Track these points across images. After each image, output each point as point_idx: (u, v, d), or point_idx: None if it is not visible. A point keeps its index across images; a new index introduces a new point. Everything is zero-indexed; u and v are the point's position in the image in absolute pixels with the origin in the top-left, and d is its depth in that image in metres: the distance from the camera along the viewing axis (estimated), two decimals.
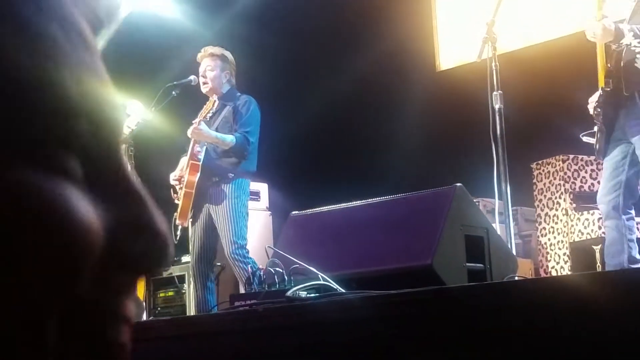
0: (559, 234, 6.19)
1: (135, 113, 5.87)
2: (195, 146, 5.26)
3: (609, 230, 4.39)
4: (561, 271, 6.06)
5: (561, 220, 6.18)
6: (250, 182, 5.49)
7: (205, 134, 5.15)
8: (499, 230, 3.90)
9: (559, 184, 6.22)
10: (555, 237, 6.21)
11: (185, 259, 6.72)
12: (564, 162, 6.21)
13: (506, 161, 4.31)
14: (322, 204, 3.90)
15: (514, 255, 3.92)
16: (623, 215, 4.34)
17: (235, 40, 6.09)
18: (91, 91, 0.44)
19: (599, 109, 4.34)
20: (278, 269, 3.38)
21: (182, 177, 5.27)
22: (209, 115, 5.23)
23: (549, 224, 6.26)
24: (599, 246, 5.44)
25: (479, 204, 5.16)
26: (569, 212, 6.16)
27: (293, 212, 3.86)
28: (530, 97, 6.19)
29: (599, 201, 4.46)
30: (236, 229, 5.16)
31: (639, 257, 4.33)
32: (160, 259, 0.49)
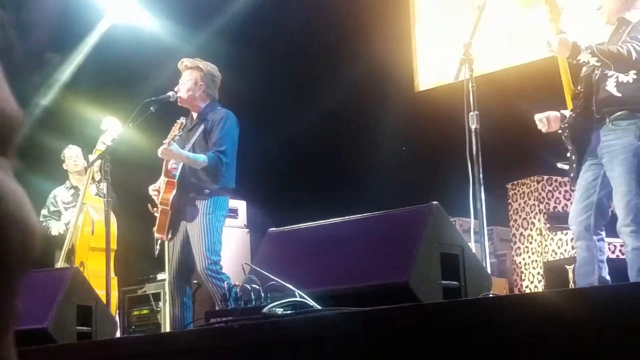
0: (533, 253, 6.24)
1: (112, 129, 5.86)
2: (170, 163, 5.22)
3: (580, 251, 4.43)
4: (535, 290, 6.10)
5: (535, 240, 6.23)
6: (229, 199, 5.46)
7: (176, 154, 5.11)
8: (475, 249, 3.94)
9: (534, 205, 6.29)
10: (529, 257, 6.26)
11: (160, 276, 6.69)
12: (538, 183, 6.28)
13: (482, 181, 4.35)
14: (300, 222, 3.91)
15: (489, 273, 3.96)
16: (594, 236, 4.38)
17: (216, 55, 6.10)
18: None
19: (567, 131, 4.40)
20: (254, 286, 3.39)
21: (161, 190, 5.24)
22: (178, 134, 5.15)
23: (523, 244, 6.32)
24: (572, 266, 5.49)
25: (455, 223, 5.20)
26: (543, 232, 6.22)
27: (271, 229, 3.87)
28: (506, 119, 6.26)
29: (570, 222, 4.50)
30: (209, 244, 5.12)
31: (608, 278, 4.37)
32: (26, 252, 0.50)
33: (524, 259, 6.29)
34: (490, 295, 3.45)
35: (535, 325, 2.50)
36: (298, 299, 3.24)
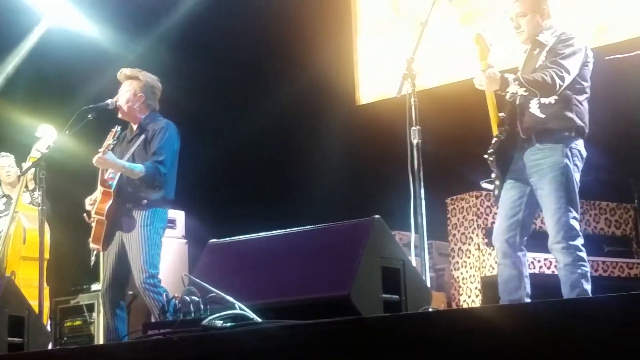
0: (471, 268, 6.32)
1: (47, 136, 5.77)
2: (107, 173, 5.15)
3: (505, 268, 4.51)
4: (472, 304, 6.17)
5: (473, 254, 6.31)
6: (168, 210, 5.41)
7: (111, 163, 5.05)
8: (415, 263, 3.97)
9: (472, 220, 6.37)
10: (467, 271, 6.34)
11: (94, 287, 6.60)
12: (477, 198, 6.36)
13: (423, 195, 4.39)
14: (240, 234, 3.90)
15: (429, 287, 4.00)
16: (519, 252, 4.51)
17: (157, 64, 6.07)
18: None
19: (494, 156, 4.49)
20: (194, 298, 3.37)
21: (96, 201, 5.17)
22: (113, 143, 5.10)
23: (461, 258, 6.39)
24: None
25: (395, 237, 5.24)
26: (481, 247, 6.30)
27: (211, 240, 3.86)
28: (447, 134, 6.34)
29: (495, 239, 4.60)
30: (147, 257, 5.06)
31: (530, 292, 4.50)
32: None
33: (462, 273, 6.36)
34: (430, 309, 3.49)
35: (474, 339, 2.53)
36: (238, 311, 3.23)
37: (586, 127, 4.47)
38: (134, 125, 5.36)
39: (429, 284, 4.24)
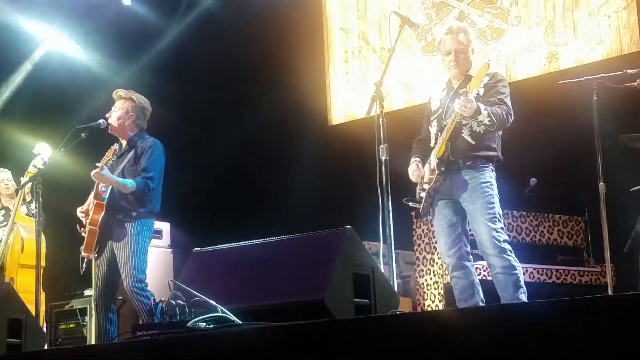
0: (434, 275, 6.33)
1: (43, 153, 5.80)
2: (100, 186, 5.17)
3: (458, 280, 4.58)
4: (436, 308, 6.19)
5: (437, 263, 6.32)
6: (154, 222, 5.42)
7: (107, 178, 5.06)
8: (383, 271, 3.98)
9: (434, 231, 6.38)
10: (431, 278, 6.35)
11: (87, 292, 6.57)
12: None
13: (390, 208, 4.40)
14: (221, 244, 3.90)
15: (397, 292, 4.00)
16: (467, 262, 4.57)
17: (145, 87, 6.05)
18: None
19: (433, 175, 4.55)
20: (179, 302, 3.36)
21: (89, 212, 5.17)
22: (111, 160, 5.14)
23: (426, 266, 6.40)
24: None
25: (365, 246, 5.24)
26: (442, 257, 6.31)
27: (195, 249, 3.85)
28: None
29: (443, 255, 4.69)
30: (136, 263, 5.09)
31: (483, 298, 4.56)
32: None
33: (426, 280, 6.37)
34: (398, 313, 3.49)
35: (437, 338, 2.54)
36: (220, 314, 3.23)
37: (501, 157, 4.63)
38: (123, 142, 5.38)
39: (396, 290, 4.24)
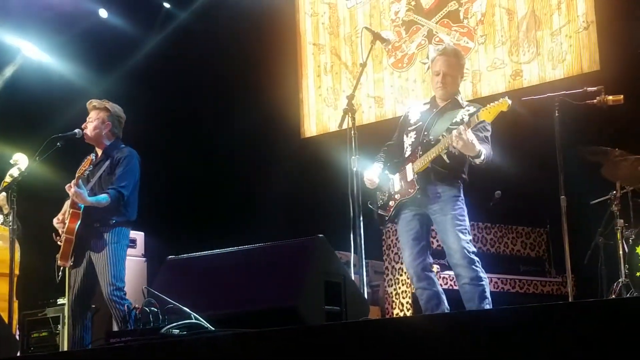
0: (403, 284, 6.35)
1: (21, 163, 5.74)
2: None
3: (424, 291, 4.61)
4: None
5: (405, 272, 6.34)
6: (130, 230, 5.39)
7: (82, 198, 5.01)
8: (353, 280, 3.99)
9: (399, 240, 6.40)
10: (400, 288, 6.37)
11: (60, 300, 6.49)
12: None
13: (361, 218, 4.41)
14: (196, 252, 3.88)
15: (367, 300, 4.02)
16: (430, 273, 4.60)
17: (121, 97, 6.03)
18: None
19: (412, 189, 4.59)
20: (153, 309, 3.34)
21: (65, 221, 5.12)
22: (87, 170, 5.11)
23: (394, 276, 6.42)
24: None
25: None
26: (406, 267, 6.33)
27: (170, 257, 3.84)
28: None
29: (408, 267, 4.71)
30: (115, 271, 5.05)
31: (449, 307, 4.59)
32: None
33: (394, 289, 6.39)
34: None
35: (405, 344, 2.56)
36: (194, 321, 3.22)
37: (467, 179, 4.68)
38: (99, 150, 5.35)
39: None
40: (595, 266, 5.79)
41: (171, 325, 3.18)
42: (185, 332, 3.17)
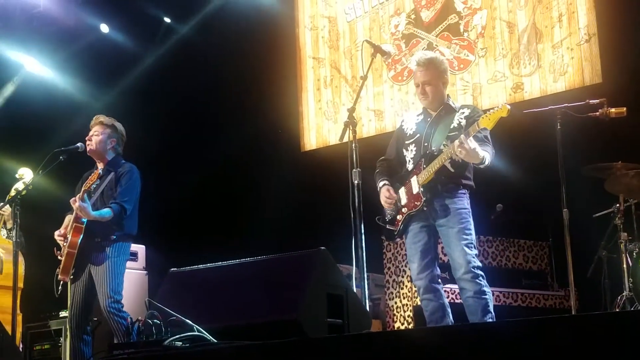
0: (404, 298, 6.34)
1: (26, 177, 5.78)
2: None
3: (429, 302, 4.59)
4: None
5: (406, 286, 6.34)
6: (131, 244, 5.41)
7: (86, 213, 5.04)
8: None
9: (405, 254, 6.40)
10: (401, 301, 6.36)
11: (63, 313, 6.49)
12: None
13: (363, 231, 4.38)
14: (197, 265, 3.88)
15: (369, 313, 4.01)
16: (438, 285, 4.59)
17: (123, 111, 6.06)
18: None
19: (419, 202, 4.58)
20: (156, 321, 3.34)
21: (67, 235, 5.14)
22: (95, 183, 5.16)
23: (395, 289, 6.41)
24: None
25: None
26: (413, 279, 6.32)
27: (172, 269, 3.83)
28: None
29: (415, 279, 4.68)
30: (113, 284, 5.08)
31: (453, 320, 4.58)
32: None
33: (395, 302, 6.38)
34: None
35: (410, 358, 2.55)
36: (196, 333, 3.22)
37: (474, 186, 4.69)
38: (100, 165, 5.38)
39: None
40: (598, 280, 5.76)
41: (174, 337, 3.18)
42: (187, 345, 3.17)
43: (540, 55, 6.85)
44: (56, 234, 5.24)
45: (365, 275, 4.42)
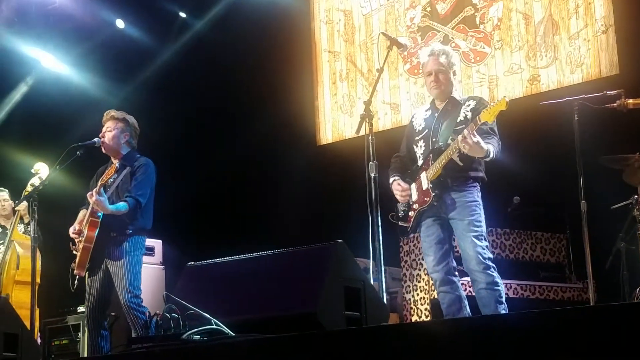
0: (421, 291, 6.34)
1: (42, 172, 5.82)
2: None
3: (446, 295, 4.58)
4: None
5: (423, 279, 6.33)
6: (146, 238, 5.42)
7: (103, 206, 5.06)
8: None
9: (422, 247, 6.38)
10: (418, 294, 6.35)
11: (80, 309, 6.53)
12: None
13: (379, 224, 4.38)
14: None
15: (386, 306, 4.01)
16: (454, 278, 4.58)
17: (139, 106, 6.09)
18: None
19: (428, 197, 4.57)
20: (174, 315, 3.36)
21: (82, 230, 5.16)
22: (112, 177, 5.16)
23: (412, 282, 6.41)
24: None
25: None
26: (430, 272, 6.31)
27: (189, 263, 3.85)
28: None
29: (431, 272, 4.66)
30: (131, 279, 5.09)
31: (470, 312, 4.56)
32: None
33: (413, 296, 6.37)
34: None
35: (428, 350, 2.55)
36: (214, 326, 3.23)
37: (486, 178, 4.65)
38: (115, 160, 5.38)
39: None
40: (617, 272, 5.73)
41: (192, 331, 3.19)
42: (205, 338, 3.18)
43: (557, 46, 6.82)
44: (71, 230, 5.25)
45: (382, 269, 4.42)
